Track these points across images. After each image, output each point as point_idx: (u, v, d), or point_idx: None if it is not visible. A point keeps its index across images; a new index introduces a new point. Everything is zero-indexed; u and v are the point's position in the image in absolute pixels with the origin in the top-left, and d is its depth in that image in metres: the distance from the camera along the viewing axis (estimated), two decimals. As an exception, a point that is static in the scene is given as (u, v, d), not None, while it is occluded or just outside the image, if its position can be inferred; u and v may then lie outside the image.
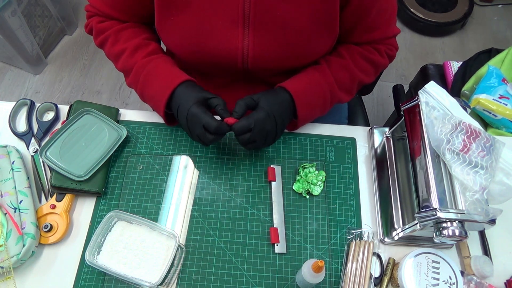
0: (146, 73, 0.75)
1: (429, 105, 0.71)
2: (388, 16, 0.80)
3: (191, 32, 0.73)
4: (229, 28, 0.72)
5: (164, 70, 0.76)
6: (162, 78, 0.74)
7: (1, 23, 1.62)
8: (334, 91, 0.79)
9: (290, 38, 0.73)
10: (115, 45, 0.79)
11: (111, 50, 0.80)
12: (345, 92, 0.82)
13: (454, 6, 2.17)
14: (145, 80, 0.76)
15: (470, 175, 0.64)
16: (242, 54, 0.75)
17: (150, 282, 0.66)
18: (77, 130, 0.78)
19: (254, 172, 0.81)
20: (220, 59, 0.76)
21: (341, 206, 0.78)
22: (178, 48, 0.78)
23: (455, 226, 0.61)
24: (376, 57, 0.82)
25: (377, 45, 0.83)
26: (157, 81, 0.75)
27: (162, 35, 0.78)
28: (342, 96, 0.82)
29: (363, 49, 0.82)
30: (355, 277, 0.70)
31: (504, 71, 1.25)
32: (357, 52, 0.81)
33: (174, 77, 0.74)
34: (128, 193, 0.78)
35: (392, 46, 0.86)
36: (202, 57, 0.77)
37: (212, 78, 0.86)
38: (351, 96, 0.85)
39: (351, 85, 0.82)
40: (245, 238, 0.74)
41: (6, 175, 0.73)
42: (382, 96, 1.97)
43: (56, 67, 1.98)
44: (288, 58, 0.76)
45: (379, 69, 0.86)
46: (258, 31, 0.72)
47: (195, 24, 0.72)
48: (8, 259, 0.65)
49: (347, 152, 0.84)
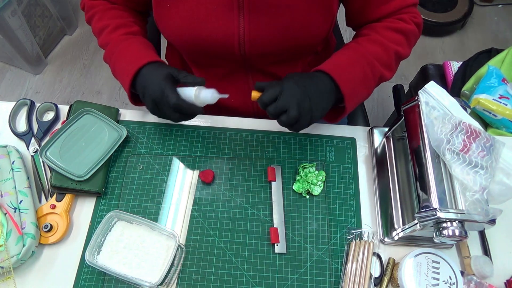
0: (120, 49, 0.76)
1: (429, 105, 0.71)
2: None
3: (187, 19, 0.73)
4: (224, 12, 0.72)
5: (137, 49, 0.76)
6: (133, 55, 0.75)
7: (1, 23, 1.62)
8: (372, 64, 0.72)
9: (286, 21, 0.72)
10: (100, 21, 0.80)
11: (96, 25, 0.81)
12: (384, 66, 0.74)
13: (454, 6, 2.17)
14: (118, 56, 0.76)
15: (470, 175, 0.64)
16: (238, 39, 0.74)
17: (150, 282, 0.66)
18: (77, 130, 0.78)
19: (254, 172, 0.81)
20: (217, 46, 0.76)
21: (341, 206, 0.78)
22: (175, 36, 0.78)
23: (455, 226, 0.61)
24: (402, 25, 0.76)
25: (399, 15, 0.77)
26: (127, 58, 0.75)
27: (160, 24, 0.79)
28: (382, 71, 0.74)
29: (386, 22, 0.77)
30: (355, 277, 0.70)
31: (504, 71, 1.25)
32: (380, 27, 0.76)
33: (144, 56, 0.74)
34: (128, 193, 0.78)
35: (415, 14, 0.78)
36: (199, 44, 0.76)
37: (211, 69, 0.86)
38: (392, 72, 0.78)
39: (388, 59, 0.75)
40: (245, 238, 0.74)
41: (6, 175, 0.73)
42: (382, 96, 1.97)
43: (56, 67, 1.98)
44: (285, 41, 0.75)
45: (410, 38, 0.79)
46: (253, 14, 0.71)
47: (190, 11, 0.72)
48: (8, 259, 0.65)
49: (347, 152, 0.84)
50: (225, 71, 0.85)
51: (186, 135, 0.84)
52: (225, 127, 0.86)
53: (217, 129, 0.85)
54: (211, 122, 0.86)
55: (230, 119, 0.87)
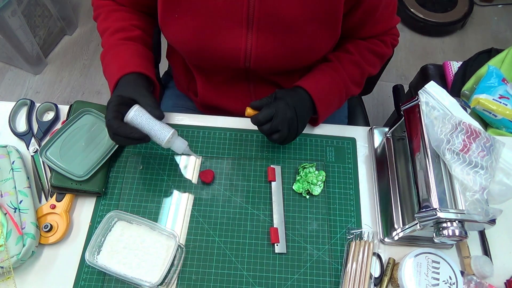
0: (112, 54, 0.76)
1: (429, 105, 0.71)
2: (392, 8, 0.81)
3: (195, 31, 0.74)
4: (233, 28, 0.72)
5: (128, 55, 0.76)
6: (119, 63, 0.75)
7: (1, 23, 1.62)
8: (347, 86, 0.82)
9: (293, 40, 0.74)
10: (103, 22, 0.80)
11: (100, 26, 0.81)
12: (356, 85, 0.85)
13: (454, 6, 2.17)
14: (108, 60, 0.77)
15: (470, 175, 0.64)
16: (245, 54, 0.75)
17: (150, 282, 0.66)
18: (77, 130, 0.78)
19: (254, 172, 0.81)
20: (223, 58, 0.77)
21: (341, 206, 0.78)
22: (180, 44, 0.78)
23: (455, 226, 0.61)
24: (382, 49, 0.84)
25: (382, 36, 0.84)
26: (115, 64, 0.75)
27: (164, 29, 0.79)
28: (354, 90, 0.85)
29: (369, 43, 0.83)
30: (355, 277, 0.70)
31: (504, 71, 1.25)
32: (364, 47, 0.83)
33: (129, 65, 0.74)
34: (128, 193, 0.78)
35: (396, 36, 0.88)
36: (204, 54, 0.77)
37: (213, 75, 0.86)
38: (361, 88, 0.88)
39: (361, 79, 0.85)
40: (245, 238, 0.74)
41: (6, 175, 0.73)
42: (382, 96, 1.97)
43: (56, 67, 1.98)
44: (290, 58, 0.77)
45: (383, 60, 0.89)
46: (262, 32, 0.72)
47: (200, 24, 0.73)
48: (8, 259, 0.65)
49: (347, 152, 0.84)
50: (227, 78, 0.86)
51: (186, 135, 0.84)
52: (225, 127, 0.86)
53: (217, 129, 0.85)
54: (211, 122, 0.86)
55: (230, 119, 0.87)
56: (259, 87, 0.88)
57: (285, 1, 0.69)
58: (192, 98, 1.00)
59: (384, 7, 0.78)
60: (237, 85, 0.87)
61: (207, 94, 0.91)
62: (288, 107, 0.72)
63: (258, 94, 0.89)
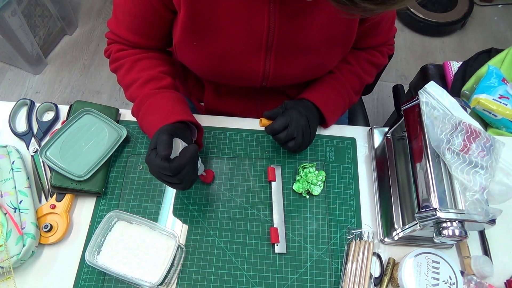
0: (149, 104, 0.73)
1: (429, 105, 0.71)
2: (391, 21, 0.84)
3: (214, 56, 0.73)
4: (252, 53, 0.73)
5: (166, 105, 0.73)
6: (161, 112, 0.72)
7: (1, 23, 1.62)
8: (350, 95, 0.86)
9: (309, 59, 0.75)
10: (129, 73, 0.77)
11: (124, 77, 0.78)
12: (356, 94, 0.88)
13: (454, 6, 2.17)
14: (146, 111, 0.74)
15: (470, 175, 0.64)
16: (263, 76, 0.77)
17: (150, 282, 0.66)
18: (77, 130, 0.78)
19: (254, 172, 0.81)
20: (241, 80, 0.78)
21: (341, 206, 0.78)
22: (197, 67, 0.78)
23: (455, 226, 0.61)
24: (379, 60, 0.88)
25: (380, 47, 0.88)
26: (156, 114, 0.72)
27: (180, 53, 0.77)
28: (355, 98, 0.89)
29: (368, 54, 0.87)
30: (355, 277, 0.70)
31: (504, 71, 1.25)
32: (363, 59, 0.86)
33: (171, 115, 0.71)
34: (128, 193, 0.78)
35: (392, 46, 0.92)
36: (222, 77, 0.78)
37: (224, 86, 0.87)
38: (359, 96, 0.92)
39: (360, 88, 0.89)
40: (245, 238, 0.74)
41: (6, 175, 0.73)
42: (382, 96, 1.97)
43: (56, 67, 1.98)
44: (304, 75, 0.79)
45: (380, 69, 0.94)
46: (280, 56, 0.74)
47: (219, 51, 0.72)
48: (8, 259, 0.65)
49: (347, 152, 0.84)
50: (237, 88, 0.86)
51: (186, 135, 0.84)
52: (225, 127, 0.86)
53: (217, 129, 0.85)
54: (211, 122, 0.86)
55: (230, 119, 0.87)
56: (266, 95, 0.90)
57: (304, 27, 0.70)
58: (193, 102, 1.00)
59: (385, 22, 0.80)
60: (245, 96, 0.89)
61: (213, 102, 0.91)
62: (301, 115, 0.75)
63: (264, 101, 0.91)
